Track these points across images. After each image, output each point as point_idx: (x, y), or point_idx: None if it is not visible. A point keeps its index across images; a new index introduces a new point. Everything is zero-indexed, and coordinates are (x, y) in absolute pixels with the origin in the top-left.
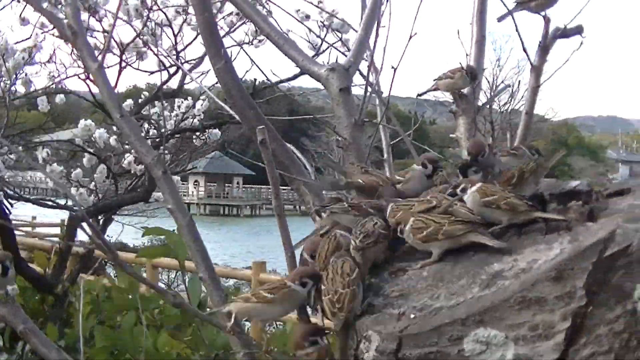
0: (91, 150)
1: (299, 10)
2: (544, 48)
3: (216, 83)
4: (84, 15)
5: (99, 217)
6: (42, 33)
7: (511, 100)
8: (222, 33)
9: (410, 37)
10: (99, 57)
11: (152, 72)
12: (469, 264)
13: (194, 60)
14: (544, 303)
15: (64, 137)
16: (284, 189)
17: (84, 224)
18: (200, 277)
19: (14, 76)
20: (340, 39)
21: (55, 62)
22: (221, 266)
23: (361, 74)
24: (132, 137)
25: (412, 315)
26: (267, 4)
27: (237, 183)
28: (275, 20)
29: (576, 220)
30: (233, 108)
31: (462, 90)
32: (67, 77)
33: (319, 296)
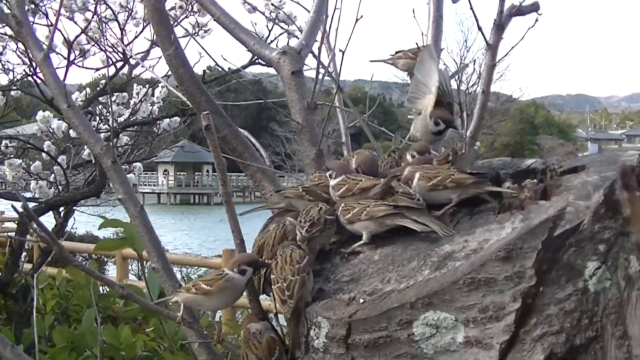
0: (45, 150)
1: (245, 1)
2: (499, 26)
3: (169, 71)
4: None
5: (60, 210)
6: None
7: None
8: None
9: (357, 19)
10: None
11: (97, 69)
12: (421, 245)
13: (141, 53)
14: (493, 284)
15: (29, 131)
16: (235, 175)
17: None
18: (153, 267)
19: None
20: (287, 31)
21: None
22: (191, 255)
23: (314, 55)
24: (80, 128)
25: (361, 300)
26: None
27: (207, 171)
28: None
29: (529, 199)
30: (185, 94)
31: None
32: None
33: (270, 284)
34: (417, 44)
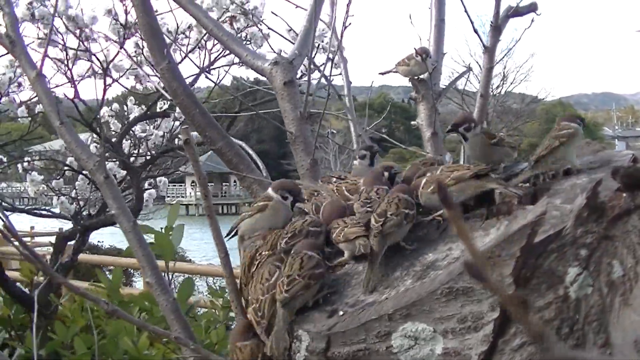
0: (71, 166)
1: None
2: (496, 28)
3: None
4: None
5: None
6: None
7: (503, 82)
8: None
9: (345, 26)
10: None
11: (147, 94)
12: (407, 254)
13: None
14: (471, 293)
15: (55, 147)
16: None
17: (15, 240)
18: (147, 282)
19: None
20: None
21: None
22: (217, 266)
23: (314, 64)
24: (72, 144)
25: (341, 312)
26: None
27: (234, 182)
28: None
29: (519, 203)
30: (179, 107)
31: (420, 76)
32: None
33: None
34: (414, 48)
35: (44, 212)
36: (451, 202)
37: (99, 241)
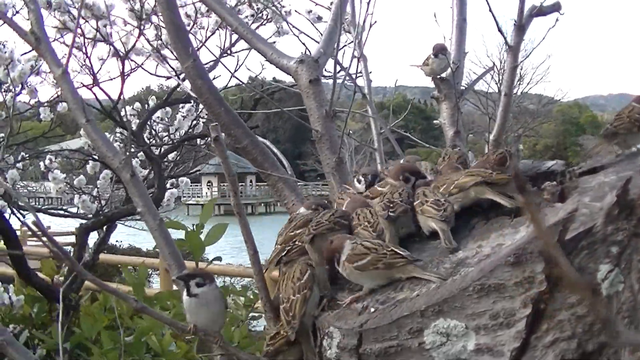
0: (97, 157)
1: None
2: (520, 27)
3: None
4: (93, 23)
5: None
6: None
7: (519, 83)
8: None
9: (371, 25)
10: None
11: (168, 77)
12: (435, 252)
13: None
14: (503, 290)
15: (74, 146)
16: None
17: (44, 237)
18: (174, 280)
19: (19, 86)
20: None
21: None
22: (234, 266)
23: (339, 63)
24: (99, 142)
25: (372, 309)
26: None
27: (250, 181)
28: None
29: (547, 201)
30: (204, 105)
31: (442, 75)
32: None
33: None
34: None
35: (62, 212)
36: (525, 187)
37: (117, 241)
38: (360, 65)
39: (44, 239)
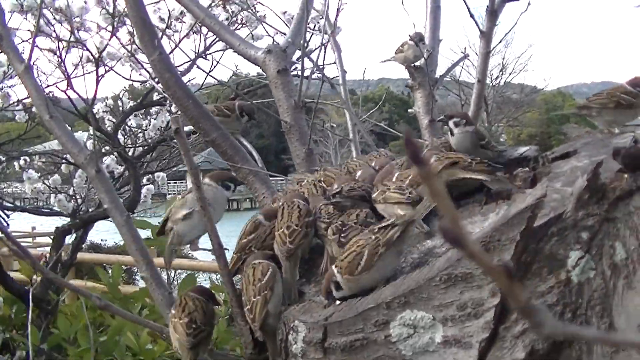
0: (71, 160)
1: None
2: (492, 12)
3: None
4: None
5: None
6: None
7: (502, 73)
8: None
9: (339, 10)
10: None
11: (142, 82)
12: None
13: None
14: (470, 279)
15: (55, 146)
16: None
17: (3, 235)
18: (142, 277)
19: None
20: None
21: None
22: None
23: (307, 55)
24: (63, 138)
25: (337, 302)
26: None
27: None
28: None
29: (519, 188)
30: (172, 99)
31: (416, 64)
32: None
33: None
34: (409, 35)
35: (45, 210)
36: (418, 154)
37: (101, 239)
38: (334, 56)
39: (3, 238)
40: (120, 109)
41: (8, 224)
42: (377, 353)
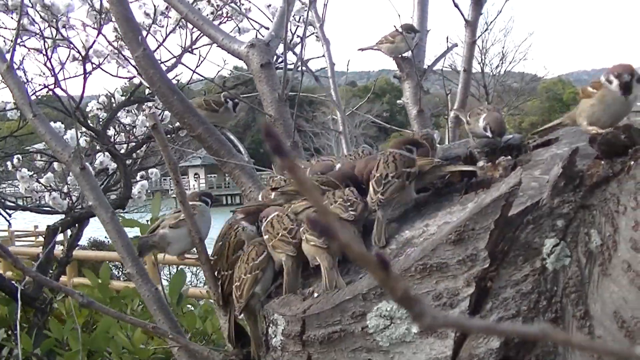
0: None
1: None
2: (477, 1)
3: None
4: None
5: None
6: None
7: (502, 63)
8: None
9: (325, 4)
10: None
11: (129, 78)
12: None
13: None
14: (445, 269)
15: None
16: None
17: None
18: (128, 272)
19: None
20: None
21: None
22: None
23: (290, 48)
24: (47, 136)
25: (315, 294)
26: None
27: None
28: None
29: (500, 176)
30: (157, 95)
31: (404, 54)
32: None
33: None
34: (394, 26)
35: (46, 209)
36: (281, 146)
37: (105, 237)
38: (323, 49)
39: None
40: (113, 105)
41: (10, 224)
42: (354, 345)
